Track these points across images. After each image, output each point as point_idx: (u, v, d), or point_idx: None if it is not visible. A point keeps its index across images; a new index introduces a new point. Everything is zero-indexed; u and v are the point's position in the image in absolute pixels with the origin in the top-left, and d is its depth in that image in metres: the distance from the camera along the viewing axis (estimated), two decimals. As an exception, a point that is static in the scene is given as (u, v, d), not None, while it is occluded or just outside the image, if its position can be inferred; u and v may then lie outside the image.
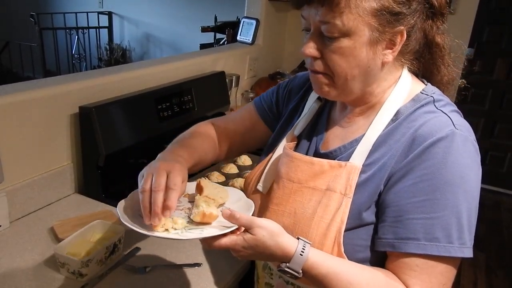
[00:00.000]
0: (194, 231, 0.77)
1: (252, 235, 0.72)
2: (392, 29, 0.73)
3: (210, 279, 1.03)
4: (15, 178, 1.22)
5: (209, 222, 0.79)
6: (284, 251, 0.72)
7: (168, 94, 1.57)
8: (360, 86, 0.78)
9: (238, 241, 0.73)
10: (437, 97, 0.79)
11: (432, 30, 0.80)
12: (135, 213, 0.81)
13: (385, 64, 0.77)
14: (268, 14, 2.45)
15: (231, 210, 0.74)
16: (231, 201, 0.87)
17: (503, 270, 2.84)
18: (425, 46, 0.81)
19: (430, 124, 0.74)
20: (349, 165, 0.79)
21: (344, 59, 0.74)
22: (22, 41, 5.79)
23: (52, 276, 1.00)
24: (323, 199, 0.80)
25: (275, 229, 0.73)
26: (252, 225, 0.73)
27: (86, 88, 1.39)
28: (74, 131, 1.36)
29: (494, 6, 3.46)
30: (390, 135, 0.78)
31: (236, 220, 0.73)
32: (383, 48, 0.75)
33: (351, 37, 0.72)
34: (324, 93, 0.81)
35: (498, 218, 3.46)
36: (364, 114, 0.84)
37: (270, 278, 0.95)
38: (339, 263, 0.74)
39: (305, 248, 0.72)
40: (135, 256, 1.09)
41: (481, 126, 3.77)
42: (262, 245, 0.72)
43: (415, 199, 0.72)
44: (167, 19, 5.47)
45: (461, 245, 0.71)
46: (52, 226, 1.18)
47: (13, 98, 1.18)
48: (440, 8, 0.79)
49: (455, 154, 0.71)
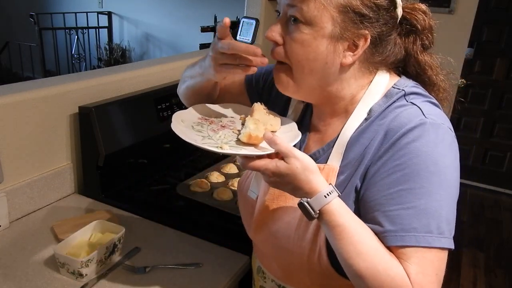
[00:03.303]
0: (233, 148, 0.77)
1: (286, 164, 0.71)
2: (356, 30, 0.73)
3: (210, 279, 1.03)
4: (15, 178, 1.22)
5: (255, 143, 0.78)
6: (312, 187, 0.71)
7: (168, 94, 1.57)
8: (317, 83, 0.78)
9: (270, 165, 0.71)
10: (409, 90, 0.78)
11: (414, 47, 0.80)
12: (188, 125, 0.84)
13: (344, 65, 0.76)
14: (268, 14, 2.45)
15: (273, 134, 0.73)
16: (280, 131, 0.86)
17: (502, 270, 2.85)
18: (409, 61, 0.82)
19: (400, 117, 0.74)
20: (327, 167, 0.79)
21: (303, 49, 0.74)
22: (22, 41, 5.79)
23: (52, 276, 1.00)
24: None
25: (310, 165, 0.71)
26: (289, 154, 0.71)
27: (86, 88, 1.39)
28: (74, 131, 1.36)
29: (494, 6, 3.46)
30: (362, 133, 0.78)
31: (276, 145, 0.71)
32: (345, 49, 0.75)
33: (313, 27, 0.73)
34: (283, 85, 0.80)
35: (498, 218, 3.47)
36: (338, 116, 0.84)
37: (264, 282, 0.95)
38: (356, 221, 0.72)
39: (331, 193, 0.71)
40: (135, 256, 1.09)
41: (481, 126, 3.78)
42: (293, 176, 0.71)
43: (389, 191, 0.71)
44: (166, 19, 5.47)
45: (439, 234, 0.69)
46: (52, 226, 1.18)
47: (13, 98, 1.18)
48: (423, 30, 0.80)
49: (426, 142, 0.70)
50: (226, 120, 0.90)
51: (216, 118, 0.91)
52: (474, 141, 3.83)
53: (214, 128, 0.86)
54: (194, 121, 0.87)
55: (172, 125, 0.79)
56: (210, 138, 0.81)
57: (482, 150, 3.83)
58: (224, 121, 0.90)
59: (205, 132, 0.84)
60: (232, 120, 0.91)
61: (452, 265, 2.84)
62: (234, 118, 0.93)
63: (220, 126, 0.87)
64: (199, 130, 0.84)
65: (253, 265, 1.01)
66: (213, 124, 0.88)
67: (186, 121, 0.86)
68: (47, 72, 5.76)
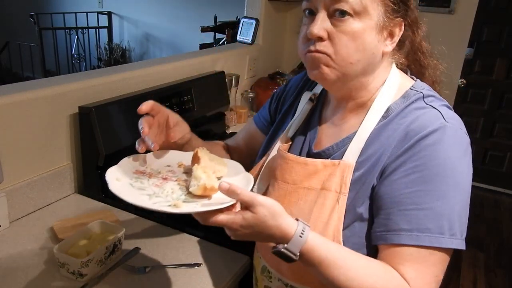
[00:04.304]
0: (189, 205, 0.70)
1: (253, 214, 0.66)
2: (396, 18, 0.76)
3: (210, 279, 1.03)
4: (15, 178, 1.22)
5: (209, 195, 0.73)
6: (283, 232, 0.68)
7: (168, 94, 1.57)
8: (360, 72, 0.79)
9: (237, 219, 0.67)
10: (426, 93, 0.80)
11: (413, 28, 0.84)
12: (125, 183, 0.76)
13: (385, 54, 0.79)
14: (267, 14, 2.45)
15: (230, 184, 0.67)
16: (229, 175, 0.82)
17: (502, 269, 2.85)
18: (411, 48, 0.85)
19: (421, 119, 0.75)
20: (343, 163, 0.79)
21: (353, 41, 0.74)
22: (22, 41, 5.79)
23: (52, 276, 1.00)
24: (318, 198, 0.80)
25: (277, 209, 0.68)
26: (253, 202, 0.66)
27: (86, 88, 1.39)
28: (74, 131, 1.36)
29: (494, 5, 3.46)
30: (382, 131, 0.78)
31: (237, 196, 0.67)
32: (385, 38, 0.77)
33: (361, 19, 0.74)
34: (323, 74, 0.78)
35: (497, 218, 3.47)
36: (355, 111, 0.85)
37: (269, 281, 0.94)
38: (337, 248, 0.73)
39: (304, 231, 0.68)
40: (135, 256, 1.09)
41: (481, 126, 3.78)
42: (263, 225, 0.67)
43: (407, 191, 0.72)
44: (166, 19, 5.47)
45: (451, 236, 0.71)
46: (52, 226, 1.18)
47: (13, 98, 1.18)
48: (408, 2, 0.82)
49: (446, 146, 0.72)
50: (165, 171, 0.83)
51: (152, 169, 0.83)
52: (474, 141, 3.79)
53: (156, 182, 0.78)
54: (131, 176, 0.78)
55: (111, 187, 0.70)
56: (158, 196, 0.73)
57: (482, 150, 3.83)
58: (163, 172, 0.82)
59: (148, 189, 0.75)
60: (171, 170, 0.84)
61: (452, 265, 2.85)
62: (172, 167, 0.85)
63: (162, 179, 0.80)
64: (141, 188, 0.75)
65: (256, 265, 1.00)
66: (153, 177, 0.80)
67: (122, 179, 0.77)
68: (47, 72, 5.76)
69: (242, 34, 2.23)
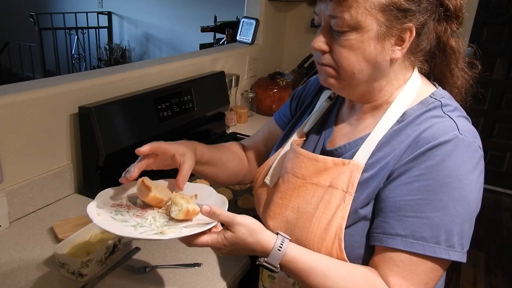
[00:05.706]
0: (174, 229, 0.77)
1: (233, 233, 0.74)
2: (400, 25, 0.74)
3: (210, 279, 1.03)
4: (15, 178, 1.22)
5: (190, 218, 0.80)
6: (263, 246, 0.74)
7: (168, 94, 1.57)
8: (366, 80, 0.79)
9: (219, 239, 0.75)
10: (445, 102, 0.79)
11: (446, 32, 0.80)
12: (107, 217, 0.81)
13: (394, 60, 0.78)
14: (267, 14, 2.45)
15: (210, 206, 0.75)
16: (203, 197, 0.87)
17: (502, 269, 2.85)
18: (438, 48, 0.82)
19: (435, 128, 0.74)
20: (352, 163, 0.79)
21: (352, 53, 0.75)
22: (22, 41, 5.79)
23: (52, 276, 1.00)
24: (325, 195, 0.81)
25: (255, 226, 0.74)
26: (232, 222, 0.74)
27: (86, 88, 1.39)
28: (74, 131, 1.36)
29: (494, 6, 3.46)
30: (395, 136, 0.78)
31: (217, 217, 0.75)
32: (392, 44, 0.76)
33: (359, 31, 0.73)
34: (329, 84, 0.82)
35: (497, 218, 3.47)
36: (372, 113, 0.85)
37: (272, 280, 0.95)
38: (317, 258, 0.76)
39: (283, 244, 0.74)
40: (135, 256, 1.09)
41: (481, 126, 3.77)
42: (243, 243, 0.74)
43: (408, 197, 0.72)
44: (166, 19, 5.47)
45: (448, 247, 0.71)
46: (52, 226, 1.18)
47: (13, 98, 1.18)
48: (455, 11, 0.79)
49: (455, 158, 0.71)
50: (140, 200, 0.87)
51: (128, 201, 0.88)
52: (474, 141, 3.82)
53: (136, 213, 0.83)
54: (110, 211, 0.83)
55: (97, 223, 0.76)
56: (142, 226, 0.78)
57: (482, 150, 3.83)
58: (139, 201, 0.87)
59: (131, 220, 0.80)
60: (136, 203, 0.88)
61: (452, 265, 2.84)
62: None
63: (141, 209, 0.85)
64: (124, 220, 0.80)
65: None
66: (132, 208, 0.85)
67: (102, 214, 0.81)
68: (47, 72, 5.76)
69: (242, 34, 2.23)
